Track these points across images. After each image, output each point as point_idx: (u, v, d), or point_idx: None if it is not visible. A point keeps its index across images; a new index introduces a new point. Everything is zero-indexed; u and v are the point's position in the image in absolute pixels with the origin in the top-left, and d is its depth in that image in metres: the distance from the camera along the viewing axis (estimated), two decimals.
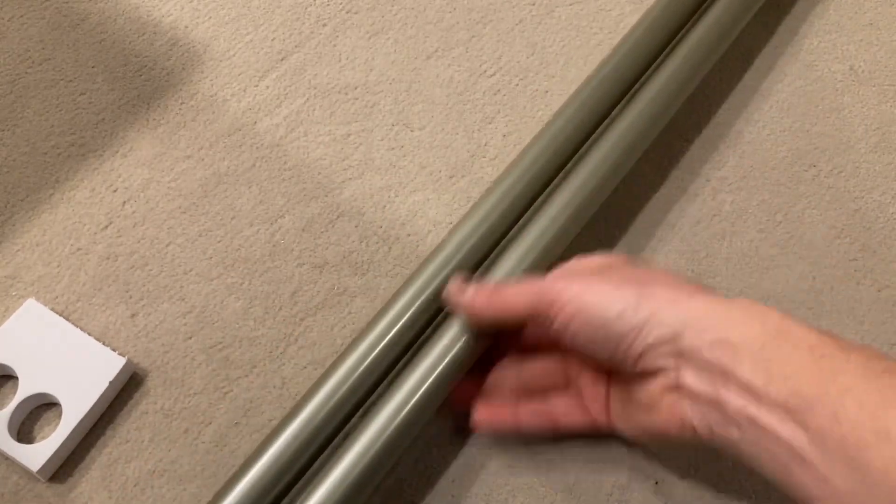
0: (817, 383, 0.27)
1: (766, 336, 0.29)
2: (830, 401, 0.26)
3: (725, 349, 0.29)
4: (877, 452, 0.25)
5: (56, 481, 0.37)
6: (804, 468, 0.27)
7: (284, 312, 0.41)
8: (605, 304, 0.31)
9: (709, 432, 0.30)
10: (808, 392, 0.27)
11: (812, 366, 0.27)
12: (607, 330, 0.31)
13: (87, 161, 0.45)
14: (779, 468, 0.28)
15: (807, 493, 0.27)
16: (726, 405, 0.28)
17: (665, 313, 0.30)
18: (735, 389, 0.28)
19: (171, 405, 0.39)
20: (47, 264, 0.42)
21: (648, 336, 0.30)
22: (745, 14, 0.47)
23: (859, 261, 0.44)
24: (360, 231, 0.44)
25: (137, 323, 0.41)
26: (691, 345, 0.29)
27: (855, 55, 0.51)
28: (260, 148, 0.46)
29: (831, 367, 0.27)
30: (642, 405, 0.32)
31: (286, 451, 0.33)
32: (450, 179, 0.46)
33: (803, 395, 0.27)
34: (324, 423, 0.34)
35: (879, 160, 0.48)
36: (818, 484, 0.27)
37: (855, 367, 0.27)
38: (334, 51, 0.49)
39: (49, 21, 0.48)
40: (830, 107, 0.49)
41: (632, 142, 0.41)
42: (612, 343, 0.31)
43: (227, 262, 0.42)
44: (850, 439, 0.26)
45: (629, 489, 0.38)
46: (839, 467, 0.26)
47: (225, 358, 0.40)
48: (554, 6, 0.52)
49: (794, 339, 0.28)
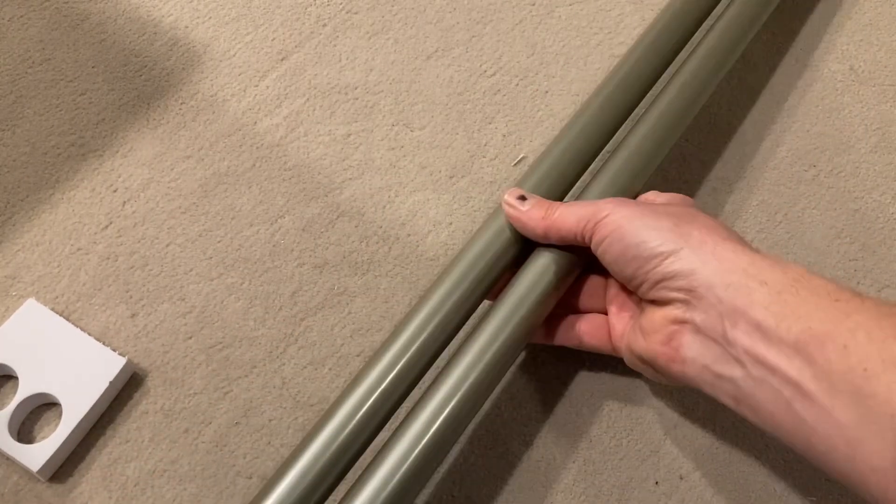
0: (830, 321, 0.28)
1: (786, 282, 0.30)
2: (841, 335, 0.27)
3: (741, 290, 0.30)
4: (883, 380, 0.26)
5: (56, 481, 0.37)
6: (806, 403, 0.28)
7: (284, 312, 0.41)
8: (641, 227, 0.33)
9: (700, 369, 0.31)
10: (820, 329, 0.28)
11: (828, 307, 0.29)
12: (635, 250, 0.33)
13: (87, 161, 0.45)
14: (778, 407, 0.29)
15: (805, 430, 0.28)
16: (733, 343, 0.30)
17: (692, 250, 0.32)
18: (744, 328, 0.30)
19: (171, 405, 0.39)
20: (47, 264, 0.42)
21: (669, 266, 0.32)
22: None
23: (859, 261, 0.44)
24: (360, 231, 0.44)
25: (137, 323, 0.41)
26: (708, 282, 0.31)
27: (855, 55, 0.51)
28: (260, 148, 0.46)
29: (846, 309, 0.28)
30: (645, 331, 0.34)
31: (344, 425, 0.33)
32: (450, 179, 0.46)
33: (814, 332, 0.28)
34: (400, 379, 0.34)
35: (879, 160, 0.48)
36: (820, 418, 0.27)
37: (869, 307, 0.28)
38: (334, 51, 0.49)
39: (49, 21, 0.48)
40: (830, 107, 0.49)
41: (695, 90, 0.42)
42: (634, 264, 0.33)
43: (227, 262, 0.42)
44: (857, 370, 0.27)
45: (629, 489, 0.38)
46: (842, 399, 0.27)
47: (225, 358, 0.40)
48: (554, 6, 0.52)
49: (813, 287, 0.30)
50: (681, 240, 0.32)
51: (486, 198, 0.45)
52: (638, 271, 0.33)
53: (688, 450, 0.39)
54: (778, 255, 0.32)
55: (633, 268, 0.33)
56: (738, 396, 0.30)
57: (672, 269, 0.32)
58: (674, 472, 0.38)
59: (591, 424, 0.39)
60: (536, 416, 0.39)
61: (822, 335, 0.28)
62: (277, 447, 0.38)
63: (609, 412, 0.40)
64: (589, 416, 0.40)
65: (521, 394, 0.40)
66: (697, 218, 0.34)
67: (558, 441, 0.39)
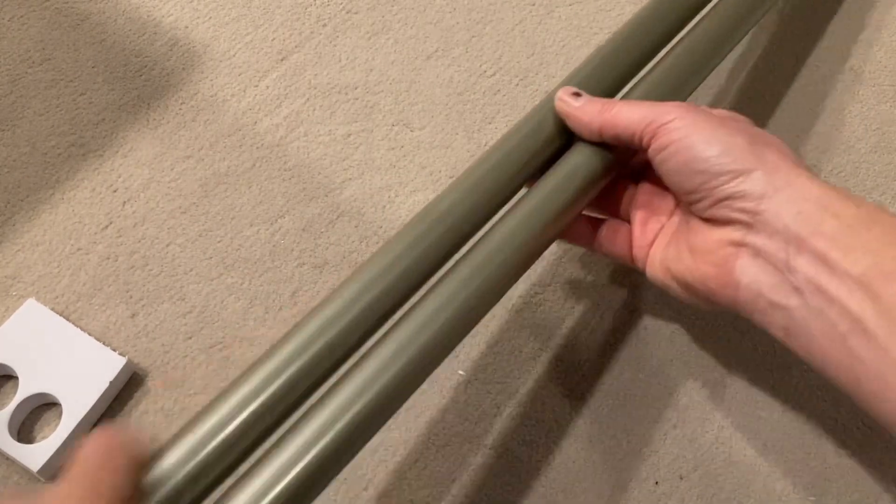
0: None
1: (859, 216, 0.29)
2: None
3: (811, 219, 0.29)
4: None
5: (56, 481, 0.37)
6: (863, 339, 0.27)
7: (284, 312, 0.41)
8: (713, 140, 0.31)
9: (755, 295, 0.30)
10: (889, 267, 0.27)
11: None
12: (703, 164, 0.31)
13: (87, 161, 0.45)
14: (832, 341, 0.28)
15: (856, 368, 0.27)
16: (794, 271, 0.29)
17: (765, 173, 0.30)
18: (808, 257, 0.28)
19: (171, 405, 0.39)
20: (47, 264, 0.42)
21: (739, 185, 0.30)
22: None
23: None
24: (360, 231, 0.44)
25: (137, 323, 0.41)
26: (777, 208, 0.29)
27: (855, 55, 0.51)
28: (260, 148, 0.46)
29: None
30: (695, 250, 0.32)
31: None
32: (450, 179, 0.46)
33: (882, 268, 0.27)
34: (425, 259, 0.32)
35: (879, 160, 0.48)
36: (876, 356, 0.27)
37: None
38: (334, 51, 0.49)
39: (49, 21, 0.48)
40: (830, 107, 0.49)
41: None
42: (700, 178, 0.31)
43: (227, 262, 0.42)
44: None
45: (628, 489, 0.38)
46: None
47: (225, 358, 0.40)
48: (554, 6, 0.52)
49: (886, 224, 0.28)
50: (756, 160, 0.30)
51: None
52: (702, 186, 0.31)
53: (688, 450, 0.39)
54: (848, 189, 0.30)
55: (696, 182, 0.31)
56: (789, 328, 0.29)
57: (741, 189, 0.30)
58: (674, 472, 0.38)
59: (591, 424, 0.39)
60: (535, 416, 0.39)
61: (890, 272, 0.27)
62: None
63: (609, 412, 0.40)
64: (589, 416, 0.40)
65: (520, 394, 0.40)
66: (771, 140, 0.32)
67: (558, 441, 0.39)
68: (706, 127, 0.31)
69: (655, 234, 0.36)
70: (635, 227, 0.36)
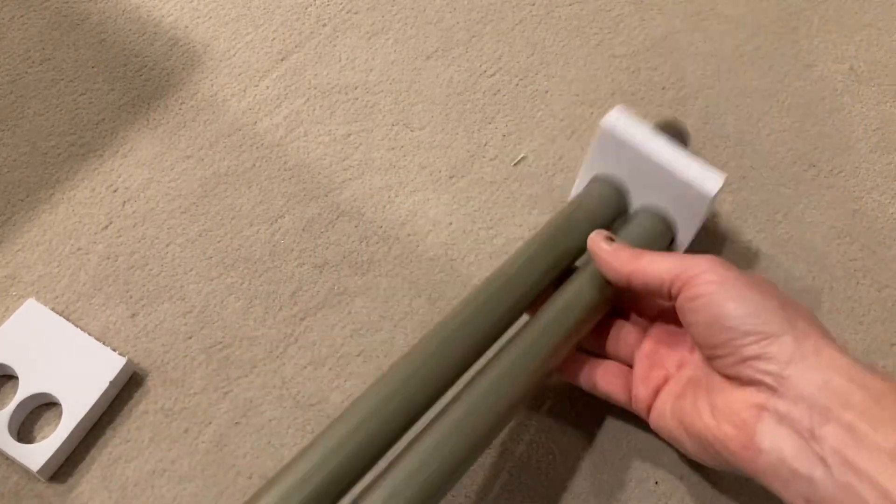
0: None
1: (885, 389, 0.28)
2: None
3: (838, 391, 0.28)
4: None
5: (56, 481, 0.37)
6: None
7: (284, 312, 0.41)
8: (745, 299, 0.31)
9: (776, 462, 0.29)
10: None
11: None
12: (732, 321, 0.31)
13: (87, 161, 0.45)
14: None
15: None
16: (820, 440, 0.28)
17: (794, 339, 0.30)
18: (835, 428, 0.28)
19: (171, 405, 0.39)
20: (47, 264, 0.42)
21: (766, 347, 0.30)
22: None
23: (859, 261, 0.44)
24: (360, 231, 0.44)
25: (137, 323, 0.41)
26: (803, 375, 0.29)
27: (855, 55, 0.51)
28: (260, 148, 0.46)
29: None
30: (715, 409, 0.32)
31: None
32: (450, 179, 0.46)
33: None
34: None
35: (879, 160, 0.48)
36: None
37: None
38: (334, 51, 0.49)
39: (49, 21, 0.48)
40: (830, 107, 0.49)
41: None
42: (727, 334, 0.31)
43: (227, 262, 0.42)
44: None
45: (628, 489, 0.38)
46: None
47: (225, 358, 0.40)
48: (554, 6, 0.52)
49: None
50: (787, 325, 0.30)
51: (485, 198, 0.45)
52: (728, 342, 0.31)
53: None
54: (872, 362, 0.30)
55: (723, 337, 0.31)
56: (812, 500, 0.28)
57: (768, 351, 0.30)
58: (674, 472, 0.38)
59: (591, 424, 0.39)
60: (536, 417, 0.39)
61: None
62: (277, 447, 0.38)
63: (609, 412, 0.40)
64: (589, 417, 0.40)
65: None
66: (801, 308, 0.32)
67: (558, 442, 0.39)
68: (738, 285, 0.31)
69: (660, 382, 0.36)
70: (637, 374, 0.36)
